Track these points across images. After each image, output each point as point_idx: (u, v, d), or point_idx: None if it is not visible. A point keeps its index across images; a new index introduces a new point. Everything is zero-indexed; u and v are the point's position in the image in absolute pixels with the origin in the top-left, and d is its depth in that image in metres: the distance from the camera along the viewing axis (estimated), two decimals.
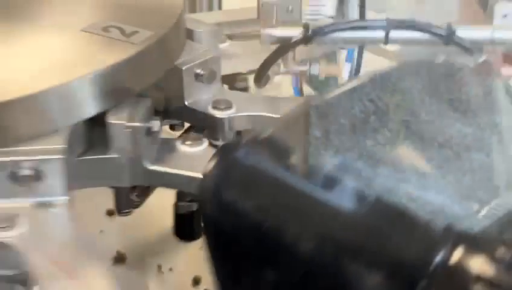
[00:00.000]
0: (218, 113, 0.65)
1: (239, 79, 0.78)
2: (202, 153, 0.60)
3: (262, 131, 0.52)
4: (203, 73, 0.66)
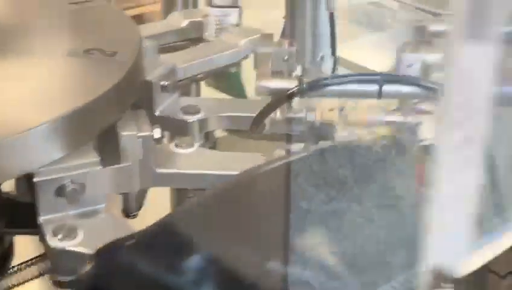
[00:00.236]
0: (188, 117, 0.73)
1: (180, 86, 0.85)
2: (196, 153, 0.68)
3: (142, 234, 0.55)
4: (168, 83, 0.74)
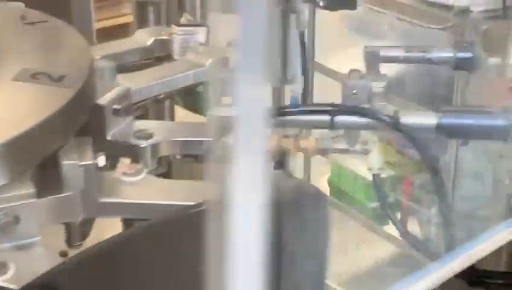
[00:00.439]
0: (140, 142, 0.72)
1: (135, 108, 0.83)
2: (143, 182, 0.66)
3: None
4: (120, 107, 0.72)
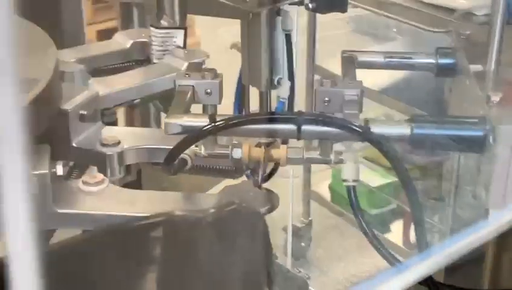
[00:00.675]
0: (107, 149, 0.68)
1: (107, 113, 0.80)
2: (105, 192, 0.63)
3: None
4: (87, 113, 0.69)
